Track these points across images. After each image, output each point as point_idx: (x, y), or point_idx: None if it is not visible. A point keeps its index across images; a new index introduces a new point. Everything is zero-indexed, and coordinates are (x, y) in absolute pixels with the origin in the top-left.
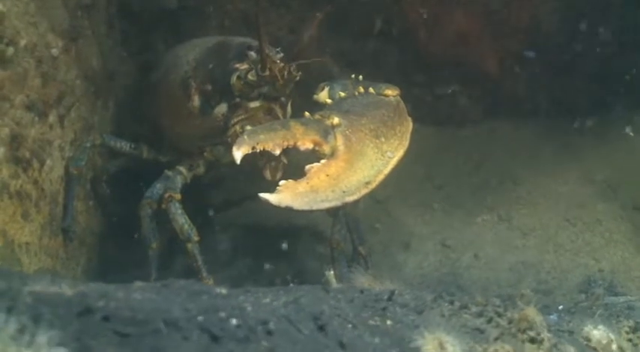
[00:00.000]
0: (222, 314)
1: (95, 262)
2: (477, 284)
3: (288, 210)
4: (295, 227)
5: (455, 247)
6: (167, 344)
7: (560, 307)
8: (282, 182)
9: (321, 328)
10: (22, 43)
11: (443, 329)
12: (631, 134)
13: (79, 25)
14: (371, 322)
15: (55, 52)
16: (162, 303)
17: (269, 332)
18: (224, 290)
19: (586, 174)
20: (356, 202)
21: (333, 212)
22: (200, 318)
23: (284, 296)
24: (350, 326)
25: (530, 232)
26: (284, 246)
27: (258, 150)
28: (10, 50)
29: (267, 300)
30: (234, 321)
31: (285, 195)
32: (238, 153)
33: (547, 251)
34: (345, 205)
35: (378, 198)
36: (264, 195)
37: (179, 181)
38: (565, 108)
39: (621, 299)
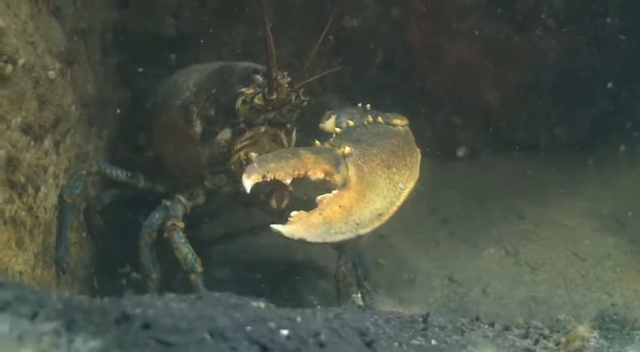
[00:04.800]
0: (272, 325)
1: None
2: (488, 319)
3: (301, 242)
4: (295, 262)
5: (462, 282)
6: None
7: (594, 334)
8: (293, 213)
9: (369, 345)
10: (21, 62)
11: (491, 349)
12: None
13: (75, 49)
14: (414, 342)
15: (52, 74)
16: (205, 312)
17: (321, 345)
18: (262, 304)
19: (591, 207)
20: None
21: (338, 245)
22: (248, 328)
23: (319, 312)
24: (396, 344)
25: (539, 267)
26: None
27: (268, 179)
28: (9, 68)
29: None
30: (284, 332)
31: (298, 227)
32: (249, 182)
33: (557, 286)
34: (358, 237)
35: (382, 232)
36: (275, 227)
37: (180, 209)
38: (567, 140)
39: None
